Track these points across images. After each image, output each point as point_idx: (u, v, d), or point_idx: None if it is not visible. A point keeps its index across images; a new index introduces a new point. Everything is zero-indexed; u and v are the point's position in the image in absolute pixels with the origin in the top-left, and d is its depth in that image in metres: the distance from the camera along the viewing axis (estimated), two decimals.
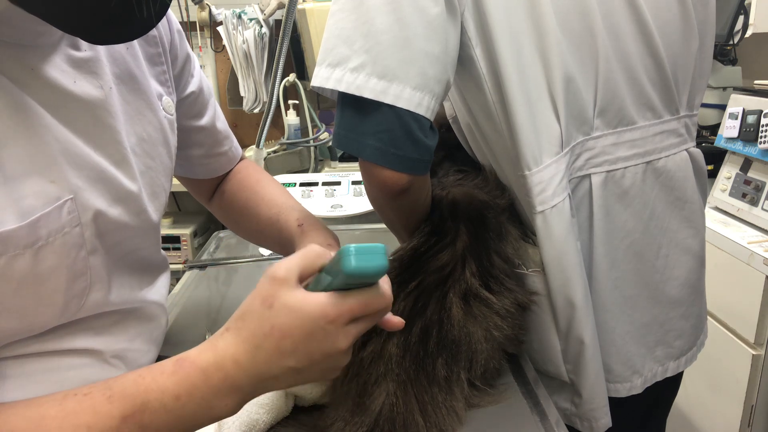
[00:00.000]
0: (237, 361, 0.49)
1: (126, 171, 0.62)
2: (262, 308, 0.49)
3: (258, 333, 0.48)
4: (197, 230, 2.47)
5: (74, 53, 0.58)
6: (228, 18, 2.27)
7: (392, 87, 0.63)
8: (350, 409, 0.65)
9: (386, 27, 0.62)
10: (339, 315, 0.48)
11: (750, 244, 1.48)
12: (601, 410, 0.82)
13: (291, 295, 0.48)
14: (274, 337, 0.48)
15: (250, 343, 0.49)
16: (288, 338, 0.48)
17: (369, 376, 0.67)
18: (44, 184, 0.52)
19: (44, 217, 0.52)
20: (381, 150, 0.65)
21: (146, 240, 0.70)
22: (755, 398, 1.51)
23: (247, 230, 0.91)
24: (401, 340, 0.68)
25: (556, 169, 0.73)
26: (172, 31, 0.76)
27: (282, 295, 0.48)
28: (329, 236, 0.76)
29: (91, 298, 0.60)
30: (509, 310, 0.74)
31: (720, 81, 1.95)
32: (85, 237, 0.57)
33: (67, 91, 0.56)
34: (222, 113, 0.91)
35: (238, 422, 0.64)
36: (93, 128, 0.58)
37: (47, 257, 0.53)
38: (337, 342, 0.49)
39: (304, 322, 0.47)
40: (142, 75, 0.68)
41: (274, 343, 0.48)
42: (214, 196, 0.95)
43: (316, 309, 0.47)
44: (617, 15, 0.73)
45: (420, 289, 0.71)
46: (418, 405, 0.65)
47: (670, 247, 0.84)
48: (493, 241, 0.77)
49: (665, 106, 0.80)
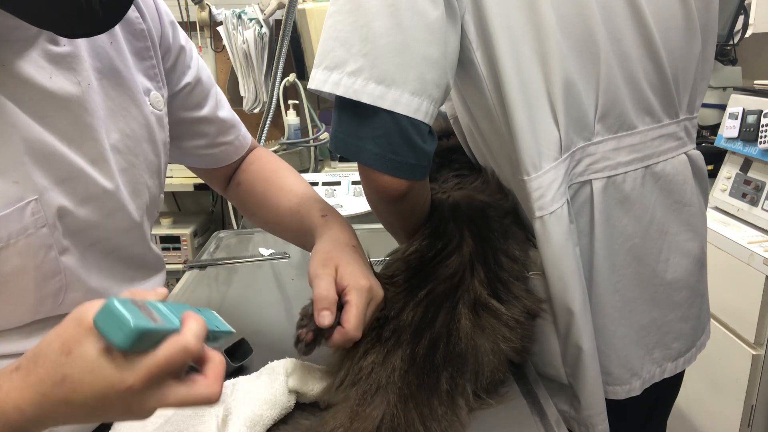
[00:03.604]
0: (20, 409, 0.43)
1: (102, 169, 0.62)
2: (59, 353, 0.43)
3: (47, 380, 0.43)
4: (197, 230, 2.47)
5: (52, 48, 0.57)
6: (228, 18, 2.26)
7: (390, 92, 0.62)
8: (350, 417, 0.65)
9: (384, 30, 0.62)
10: (134, 383, 0.42)
11: (750, 244, 1.48)
12: (599, 416, 0.82)
13: (92, 347, 0.42)
14: (64, 389, 0.42)
15: (37, 390, 0.43)
16: (78, 392, 0.42)
17: (369, 386, 0.66)
18: (6, 184, 0.52)
19: (3, 219, 0.51)
20: (379, 155, 0.64)
21: (129, 238, 0.69)
22: (755, 398, 1.51)
23: (265, 220, 0.89)
24: (407, 352, 0.67)
25: (555, 174, 0.73)
26: (163, 24, 0.75)
27: (84, 344, 0.42)
28: (352, 234, 0.74)
29: (69, 296, 0.59)
30: (518, 320, 0.73)
31: (720, 81, 1.95)
32: (54, 237, 0.56)
33: (42, 87, 0.55)
34: (227, 102, 0.89)
35: (243, 418, 0.64)
36: (68, 125, 0.58)
37: (10, 258, 0.53)
38: (133, 406, 0.43)
39: (99, 382, 0.42)
40: (127, 70, 0.67)
41: (62, 394, 0.42)
42: (230, 185, 0.94)
43: (113, 372, 0.41)
44: (618, 19, 0.72)
45: (430, 298, 0.70)
46: (418, 416, 0.64)
47: (671, 251, 0.84)
48: (499, 240, 0.76)
49: (665, 110, 0.80)
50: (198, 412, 0.66)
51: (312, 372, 0.72)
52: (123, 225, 0.66)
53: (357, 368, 0.68)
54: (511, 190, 0.82)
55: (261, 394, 0.67)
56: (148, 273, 0.75)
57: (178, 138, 0.80)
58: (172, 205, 2.73)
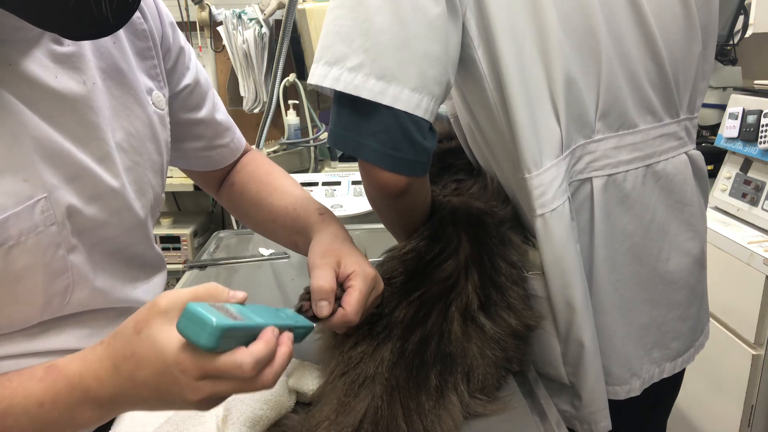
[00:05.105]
0: (99, 378, 0.48)
1: (108, 167, 0.62)
2: (131, 332, 0.47)
3: (119, 354, 0.48)
4: (197, 230, 2.47)
5: (56, 48, 0.57)
6: (228, 18, 2.27)
7: (390, 88, 0.62)
8: (336, 409, 0.65)
9: (386, 26, 0.62)
10: (189, 368, 0.45)
11: (750, 244, 1.48)
12: (601, 413, 0.82)
13: (160, 329, 0.46)
14: (131, 365, 0.47)
15: (112, 362, 0.48)
16: (142, 369, 0.46)
17: (357, 375, 0.67)
18: (16, 182, 0.52)
19: (14, 216, 0.52)
20: (379, 151, 0.64)
21: (134, 237, 0.69)
22: (755, 398, 1.51)
23: (258, 220, 0.89)
24: (397, 346, 0.68)
25: (556, 172, 0.73)
26: (163, 24, 0.75)
27: (152, 325, 0.46)
28: (345, 232, 0.75)
29: (75, 296, 0.60)
30: (505, 340, 0.73)
31: (720, 81, 1.95)
32: (62, 235, 0.56)
33: (48, 86, 0.55)
34: (222, 105, 0.90)
35: (243, 418, 0.64)
36: (74, 124, 0.58)
37: (20, 256, 0.53)
38: (185, 393, 0.46)
39: (159, 361, 0.46)
40: (130, 69, 0.67)
41: (129, 369, 0.47)
42: (222, 187, 0.94)
43: (172, 353, 0.45)
44: (619, 17, 0.73)
45: (423, 298, 0.71)
46: (402, 411, 0.65)
47: (671, 250, 0.84)
48: (497, 246, 0.76)
49: (665, 109, 0.80)
50: (198, 412, 0.66)
51: (311, 371, 0.73)
52: (128, 224, 0.66)
53: (347, 357, 0.68)
54: (510, 189, 0.82)
55: (261, 394, 0.67)
56: (150, 272, 0.76)
57: (175, 140, 0.80)
58: (172, 205, 2.73)
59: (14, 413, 0.49)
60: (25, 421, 0.49)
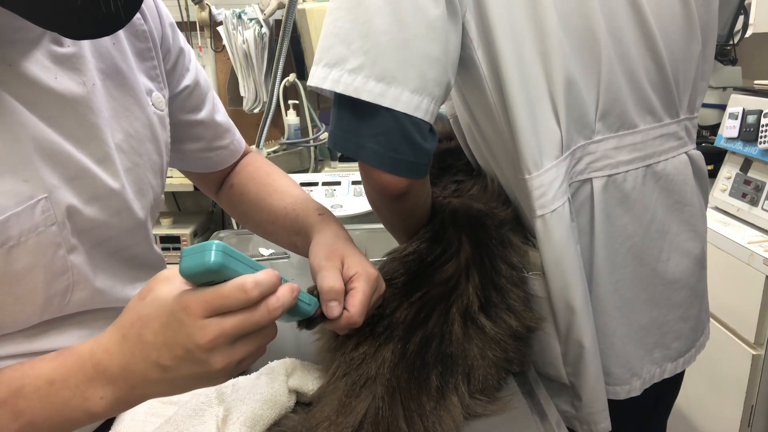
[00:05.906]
0: (107, 349, 0.49)
1: (108, 168, 0.62)
2: (136, 300, 0.49)
3: (126, 323, 0.49)
4: (197, 230, 2.47)
5: (56, 49, 0.57)
6: (228, 18, 2.27)
7: (390, 90, 0.62)
8: (336, 409, 0.65)
9: (385, 28, 0.62)
10: (190, 303, 0.46)
11: (750, 244, 1.48)
12: (601, 414, 0.82)
13: (162, 288, 0.48)
14: (137, 327, 0.48)
15: (120, 332, 0.49)
16: (148, 327, 0.48)
17: (358, 376, 0.67)
18: (17, 183, 0.52)
19: (14, 217, 0.52)
20: (379, 153, 0.64)
21: (134, 238, 0.69)
22: (755, 398, 1.51)
23: (257, 221, 0.89)
24: (398, 347, 0.68)
25: (557, 173, 0.73)
26: (163, 25, 0.75)
27: (155, 289, 0.48)
28: (345, 232, 0.75)
29: (75, 296, 0.60)
30: (506, 341, 0.73)
31: (720, 81, 1.95)
32: (62, 235, 0.56)
33: (47, 87, 0.55)
34: (222, 106, 0.90)
35: (243, 418, 0.64)
36: (74, 125, 0.58)
37: (21, 257, 0.53)
38: (194, 334, 0.46)
39: (164, 312, 0.47)
40: (130, 70, 0.67)
41: (136, 332, 0.48)
42: (221, 189, 0.94)
43: (176, 299, 0.47)
44: (619, 17, 0.72)
45: (424, 300, 0.71)
46: (403, 411, 0.65)
47: (671, 250, 0.84)
48: (497, 248, 0.76)
49: (665, 109, 0.80)
50: (198, 412, 0.67)
51: (312, 371, 0.73)
52: (128, 224, 0.66)
53: (348, 359, 0.68)
54: (510, 190, 0.82)
55: (261, 394, 0.67)
56: (150, 273, 0.76)
57: (174, 141, 0.80)
58: (172, 205, 2.73)
59: (25, 394, 0.49)
60: (36, 402, 0.49)
